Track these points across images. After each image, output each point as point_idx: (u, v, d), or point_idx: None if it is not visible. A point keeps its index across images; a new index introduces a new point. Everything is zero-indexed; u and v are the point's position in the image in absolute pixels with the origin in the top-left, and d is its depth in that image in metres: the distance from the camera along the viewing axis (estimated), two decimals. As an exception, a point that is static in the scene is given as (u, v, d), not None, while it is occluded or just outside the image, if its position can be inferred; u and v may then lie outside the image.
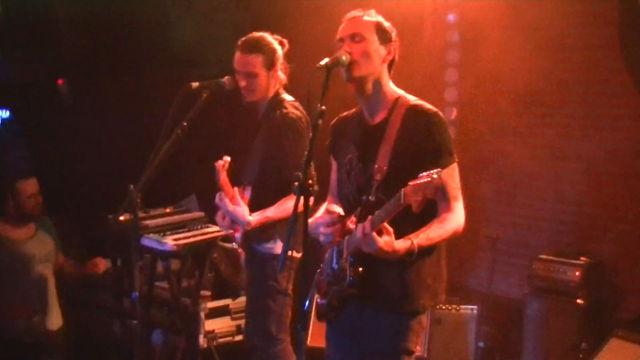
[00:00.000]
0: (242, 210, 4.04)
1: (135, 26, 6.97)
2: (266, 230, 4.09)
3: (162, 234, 4.93)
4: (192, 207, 5.83)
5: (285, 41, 4.24)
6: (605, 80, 5.69)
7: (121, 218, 4.06)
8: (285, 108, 4.10)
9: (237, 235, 4.18)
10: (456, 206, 3.12)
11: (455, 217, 3.10)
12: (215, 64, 6.77)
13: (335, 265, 3.27)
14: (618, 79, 5.56)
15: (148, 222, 4.97)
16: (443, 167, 3.01)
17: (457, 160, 3.14)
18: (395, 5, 5.61)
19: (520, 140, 6.25)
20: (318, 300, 3.40)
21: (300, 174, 2.87)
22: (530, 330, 5.56)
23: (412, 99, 3.21)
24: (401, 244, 2.96)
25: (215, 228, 5.11)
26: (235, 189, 4.12)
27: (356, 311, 3.22)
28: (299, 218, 2.98)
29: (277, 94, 4.18)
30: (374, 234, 2.92)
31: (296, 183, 2.88)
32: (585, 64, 5.78)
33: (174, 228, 5.08)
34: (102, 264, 5.56)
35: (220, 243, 5.22)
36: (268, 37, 4.19)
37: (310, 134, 2.94)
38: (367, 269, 3.12)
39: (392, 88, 3.25)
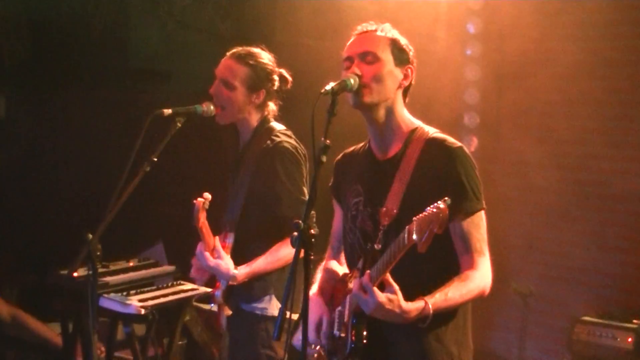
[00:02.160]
0: (225, 263, 4.01)
1: (88, 28, 6.98)
2: (256, 285, 4.06)
3: (125, 293, 4.90)
4: (159, 258, 5.79)
5: (289, 78, 4.25)
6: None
7: (75, 274, 4.07)
8: (277, 136, 4.11)
9: (218, 292, 4.14)
10: (481, 262, 3.10)
11: (481, 276, 3.08)
12: (189, 78, 6.83)
13: (336, 332, 3.23)
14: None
15: (108, 278, 4.94)
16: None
17: (485, 207, 3.13)
18: (404, 13, 5.73)
19: (553, 174, 6.31)
20: None
21: (300, 221, 2.85)
22: (572, 409, 5.55)
23: (432, 130, 3.21)
24: (412, 306, 2.91)
25: (189, 285, 5.11)
26: (216, 238, 4.09)
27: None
28: (297, 274, 2.98)
29: (264, 122, 4.20)
30: (374, 287, 2.89)
31: (295, 233, 2.86)
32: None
33: (140, 286, 5.06)
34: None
35: (195, 303, 5.20)
36: (268, 58, 4.21)
37: (308, 171, 2.89)
38: (374, 333, 3.08)
39: (408, 118, 3.25)
